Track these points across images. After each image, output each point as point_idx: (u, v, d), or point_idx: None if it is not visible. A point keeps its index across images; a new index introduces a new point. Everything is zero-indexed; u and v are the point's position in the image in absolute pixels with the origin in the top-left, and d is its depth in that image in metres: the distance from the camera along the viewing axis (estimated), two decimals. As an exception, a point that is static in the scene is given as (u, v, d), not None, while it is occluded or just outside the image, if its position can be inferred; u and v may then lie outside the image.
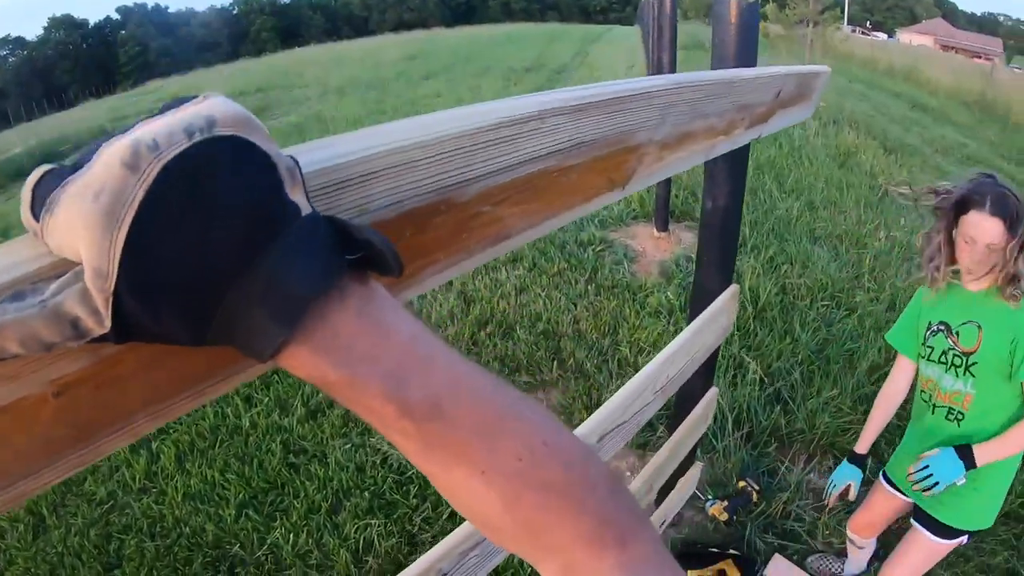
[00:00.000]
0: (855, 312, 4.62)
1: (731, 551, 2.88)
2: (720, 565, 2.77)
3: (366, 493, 3.24)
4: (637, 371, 3.82)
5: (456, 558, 1.20)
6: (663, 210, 5.84)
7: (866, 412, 3.60)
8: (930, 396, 2.19)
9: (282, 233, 0.37)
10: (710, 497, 3.14)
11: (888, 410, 2.46)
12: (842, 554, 2.91)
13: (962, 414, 2.07)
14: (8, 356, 0.34)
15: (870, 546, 2.70)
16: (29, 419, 0.38)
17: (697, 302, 2.30)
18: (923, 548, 2.23)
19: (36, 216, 0.35)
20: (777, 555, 2.89)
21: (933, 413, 2.17)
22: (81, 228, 0.33)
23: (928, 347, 2.17)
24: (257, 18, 74.27)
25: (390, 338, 0.40)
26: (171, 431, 3.89)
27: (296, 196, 0.39)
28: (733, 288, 2.30)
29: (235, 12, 78.92)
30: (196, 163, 0.34)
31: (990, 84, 16.23)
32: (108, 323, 0.35)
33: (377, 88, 16.42)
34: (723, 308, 2.20)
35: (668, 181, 5.54)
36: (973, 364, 2.01)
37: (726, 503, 3.06)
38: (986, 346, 1.97)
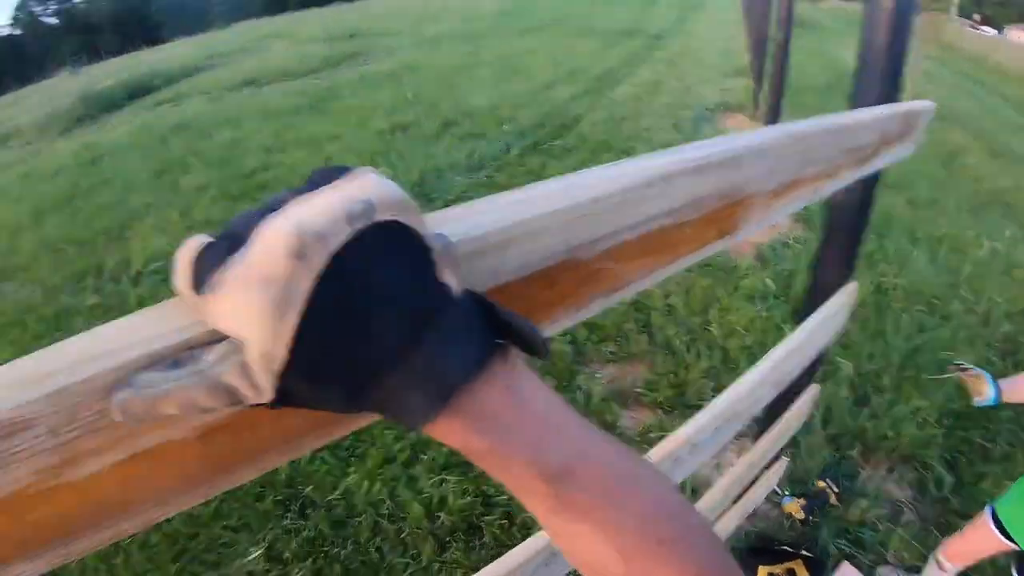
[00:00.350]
0: (949, 321, 4.48)
1: (802, 551, 2.86)
2: (790, 564, 2.76)
3: (443, 448, 3.23)
4: (726, 353, 3.84)
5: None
6: None
7: (951, 428, 3.55)
8: None
9: (437, 320, 0.40)
10: (788, 494, 3.11)
11: None
12: (912, 570, 2.87)
13: None
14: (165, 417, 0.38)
15: (953, 573, 2.63)
16: (173, 460, 0.42)
17: (813, 295, 2.26)
18: (975, 526, 2.19)
19: (196, 289, 0.38)
20: (846, 562, 2.85)
21: None
22: (252, 316, 0.36)
23: None
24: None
25: (528, 409, 0.44)
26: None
27: (448, 277, 0.42)
28: (852, 286, 2.26)
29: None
30: (360, 253, 0.37)
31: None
32: (270, 396, 0.38)
33: (471, 41, 16.30)
34: (841, 306, 2.16)
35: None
36: None
37: (803, 502, 3.04)
38: None
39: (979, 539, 2.43)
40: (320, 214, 0.36)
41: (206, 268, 0.37)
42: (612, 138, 7.96)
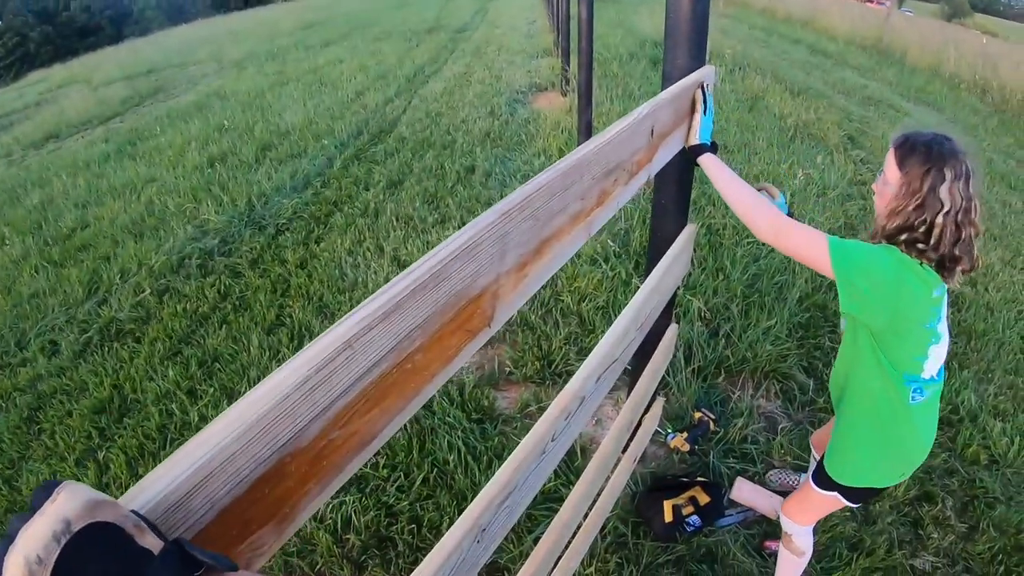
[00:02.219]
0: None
1: (699, 478, 3.01)
2: (691, 492, 2.89)
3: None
4: (582, 317, 3.95)
5: (494, 509, 1.23)
6: (587, 134, 5.80)
7: (802, 339, 3.83)
8: None
9: None
10: (670, 431, 3.25)
11: None
12: (799, 469, 3.09)
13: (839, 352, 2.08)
14: None
15: None
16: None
17: (656, 242, 2.36)
18: (806, 490, 2.24)
19: None
20: (739, 478, 3.03)
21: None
22: None
23: None
24: (141, -4, 70.63)
25: None
26: (116, 438, 3.77)
27: (146, 540, 0.52)
28: (691, 227, 2.39)
29: (116, -9, 74.91)
30: (73, 558, 0.47)
31: (886, 29, 16.82)
32: None
33: (276, 59, 15.90)
34: (684, 247, 2.28)
35: (589, 129, 5.59)
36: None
37: (686, 435, 3.19)
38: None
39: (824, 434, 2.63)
40: (36, 540, 0.46)
41: None
42: (432, 135, 8.01)
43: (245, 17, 32.82)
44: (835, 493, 2.08)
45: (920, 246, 1.67)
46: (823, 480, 2.11)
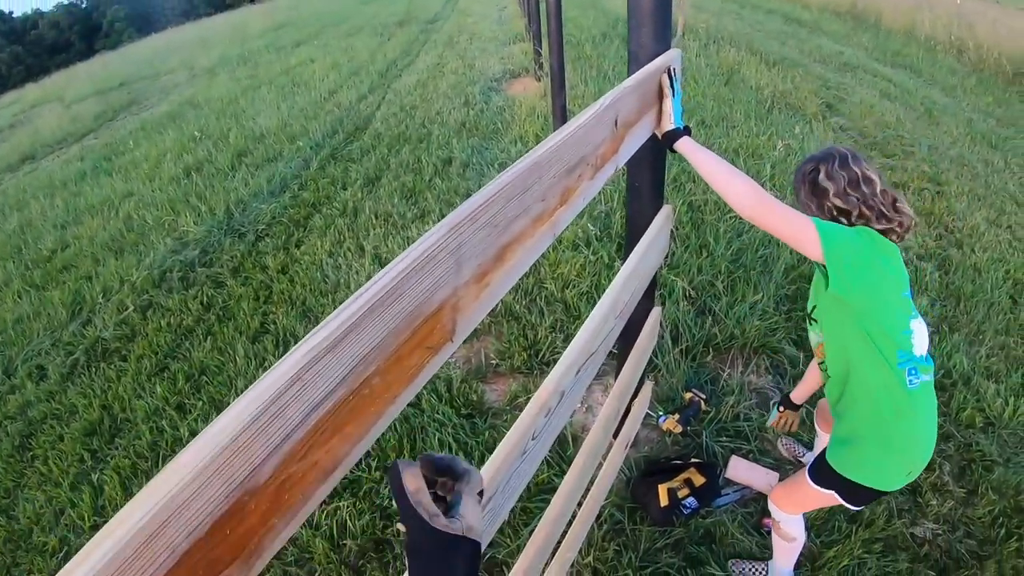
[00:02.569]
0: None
1: (693, 460, 2.99)
2: (685, 474, 2.87)
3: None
4: (566, 304, 3.93)
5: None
6: (562, 118, 5.73)
7: (790, 312, 3.81)
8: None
9: None
10: (661, 413, 3.24)
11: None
12: (803, 443, 3.09)
13: (825, 364, 2.04)
14: None
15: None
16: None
17: (633, 226, 2.33)
18: (800, 483, 2.18)
19: None
20: (733, 455, 3.02)
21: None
22: None
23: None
24: (108, 9, 69.88)
25: None
26: (108, 459, 3.75)
27: None
28: (667, 208, 2.36)
29: (84, 6, 74.19)
30: None
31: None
32: None
33: (248, 63, 15.83)
34: (661, 229, 2.25)
35: (564, 113, 5.54)
36: (814, 308, 2.01)
37: (678, 416, 3.17)
38: (815, 283, 2.00)
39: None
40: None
41: None
42: (407, 129, 7.97)
43: (215, 23, 32.65)
44: (833, 492, 2.04)
45: (859, 222, 1.82)
46: (823, 477, 2.06)
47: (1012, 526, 2.74)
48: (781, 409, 2.65)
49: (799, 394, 2.60)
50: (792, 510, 2.28)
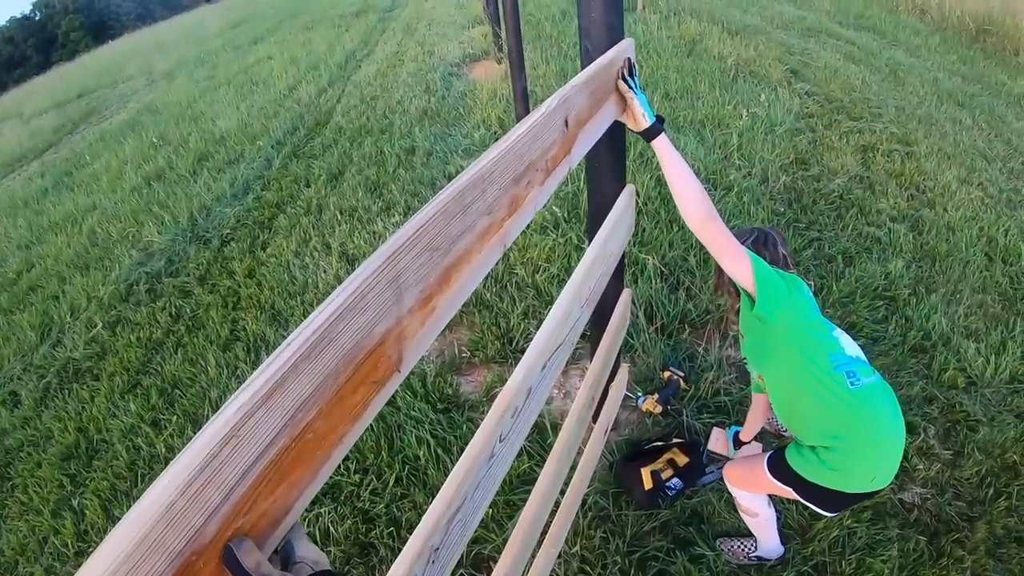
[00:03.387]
0: (732, 190, 4.74)
1: (675, 440, 2.96)
2: (668, 455, 2.84)
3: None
4: (538, 288, 3.88)
5: (443, 528, 1.16)
6: (523, 100, 5.67)
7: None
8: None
9: None
10: (640, 394, 3.20)
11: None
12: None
13: (766, 390, 2.16)
14: None
15: None
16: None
17: (595, 208, 2.28)
18: (756, 468, 2.20)
19: None
20: (715, 428, 2.98)
21: None
22: None
23: None
24: (62, 19, 68.51)
25: None
26: (88, 482, 3.69)
27: None
28: (629, 188, 2.31)
29: (37, 18, 72.85)
30: None
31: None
32: None
33: (206, 64, 15.59)
34: (624, 210, 2.20)
35: (526, 95, 5.47)
36: (743, 338, 2.19)
37: (657, 396, 3.14)
38: (743, 317, 2.14)
39: None
40: None
41: None
42: (368, 121, 7.86)
43: (171, 26, 32.22)
44: (790, 488, 2.07)
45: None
46: (780, 472, 2.09)
47: (1000, 485, 2.74)
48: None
49: (748, 431, 2.69)
50: (747, 490, 2.31)
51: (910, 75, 8.09)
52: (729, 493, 2.75)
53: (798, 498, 2.07)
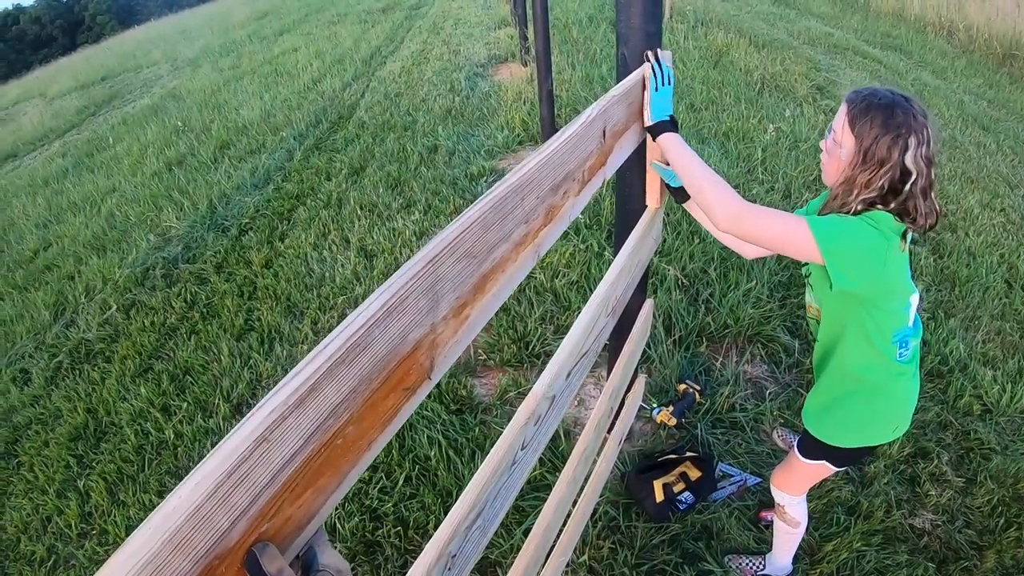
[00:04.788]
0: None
1: (688, 453, 2.92)
2: (680, 469, 2.81)
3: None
4: (556, 294, 3.86)
5: (462, 535, 1.14)
6: (549, 130, 5.69)
7: (783, 299, 3.74)
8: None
9: None
10: (655, 406, 3.17)
11: None
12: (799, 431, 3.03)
13: (814, 323, 1.97)
14: None
15: None
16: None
17: (623, 218, 2.26)
18: (792, 460, 2.17)
19: None
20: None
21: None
22: None
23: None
24: (89, 2, 69.01)
25: None
26: (94, 464, 3.68)
27: None
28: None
29: (65, 0, 73.55)
30: None
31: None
32: None
33: (231, 53, 15.64)
34: (653, 221, 2.17)
35: (551, 98, 5.47)
36: (808, 275, 1.89)
37: (672, 408, 3.11)
38: (814, 271, 1.84)
39: None
40: None
41: None
42: (392, 117, 7.85)
43: (197, 13, 32.33)
44: (822, 461, 2.03)
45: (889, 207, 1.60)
46: (809, 449, 2.04)
47: (1011, 515, 2.70)
48: None
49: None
50: (792, 490, 2.24)
51: (935, 97, 8.03)
52: (740, 508, 2.73)
53: (834, 470, 2.05)
